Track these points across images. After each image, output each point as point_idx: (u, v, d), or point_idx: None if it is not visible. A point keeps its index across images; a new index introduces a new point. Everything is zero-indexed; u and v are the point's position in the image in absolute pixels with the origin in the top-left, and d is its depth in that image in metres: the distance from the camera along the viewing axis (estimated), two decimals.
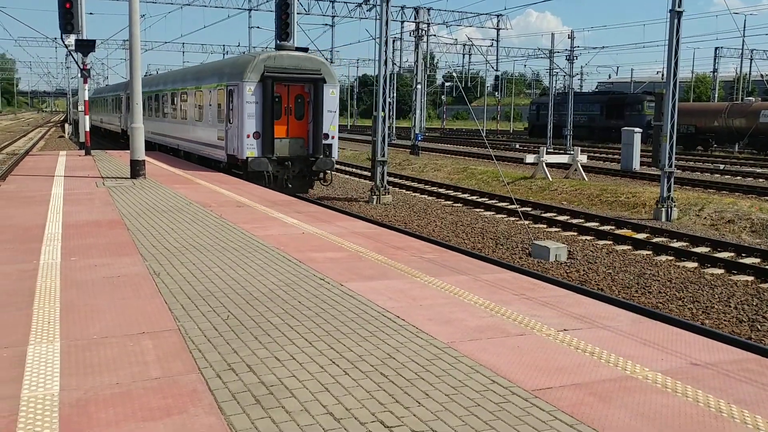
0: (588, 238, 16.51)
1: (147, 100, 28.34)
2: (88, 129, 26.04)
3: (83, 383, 4.47)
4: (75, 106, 52.14)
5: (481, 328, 5.77)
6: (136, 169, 16.75)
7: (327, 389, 4.46)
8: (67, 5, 19.20)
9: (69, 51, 26.09)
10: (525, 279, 7.80)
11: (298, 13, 30.15)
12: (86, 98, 25.85)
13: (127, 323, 5.71)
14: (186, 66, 54.04)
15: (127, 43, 19.77)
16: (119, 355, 4.99)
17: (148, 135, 20.42)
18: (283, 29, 22.66)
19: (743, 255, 14.36)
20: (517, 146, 47.62)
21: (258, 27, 69.18)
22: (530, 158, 27.60)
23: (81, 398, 4.24)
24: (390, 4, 22.25)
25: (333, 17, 46.18)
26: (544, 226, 18.12)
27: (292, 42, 22.97)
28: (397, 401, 4.30)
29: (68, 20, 19.23)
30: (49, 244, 8.88)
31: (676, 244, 15.37)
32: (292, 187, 19.27)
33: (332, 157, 19.93)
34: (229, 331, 5.55)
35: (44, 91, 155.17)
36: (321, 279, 7.34)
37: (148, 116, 25.07)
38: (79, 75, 27.11)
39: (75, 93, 54.86)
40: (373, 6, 40.92)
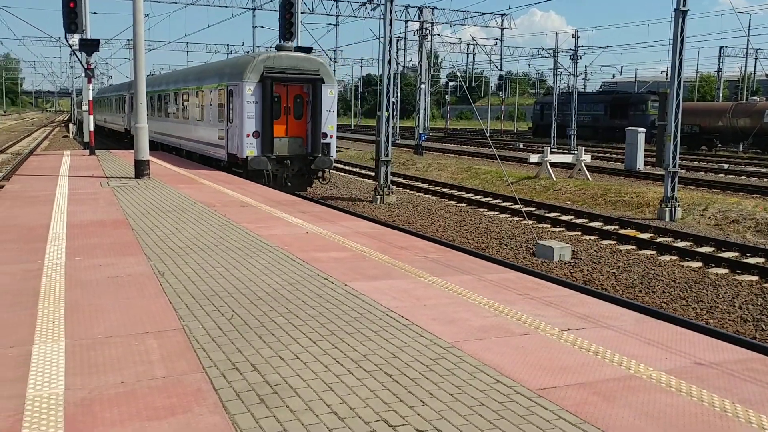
0: (592, 237, 16.50)
1: (149, 100, 28.42)
2: (92, 129, 26.10)
3: (88, 382, 4.48)
4: (79, 105, 52.26)
5: (485, 328, 5.77)
6: (141, 168, 16.76)
7: (331, 388, 4.46)
8: (72, 5, 19.25)
9: (73, 50, 26.09)
10: (529, 279, 7.79)
11: (302, 13, 30.24)
12: (90, 98, 25.86)
13: (132, 323, 5.72)
14: (188, 66, 54.22)
15: (131, 42, 19.78)
16: (124, 354, 5.00)
17: (151, 134, 20.47)
18: (287, 29, 22.73)
19: (748, 255, 14.34)
20: (521, 146, 47.55)
21: (262, 26, 69.59)
22: (534, 158, 27.58)
23: (86, 397, 4.25)
24: (394, 4, 22.23)
25: (337, 17, 46.28)
26: (548, 225, 18.11)
27: (296, 41, 23.08)
28: (402, 400, 4.31)
29: (72, 19, 19.29)
30: (54, 244, 8.90)
31: (680, 244, 15.35)
32: (291, 185, 19.44)
33: (331, 155, 20.15)
34: (234, 331, 5.56)
35: (48, 91, 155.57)
36: (325, 279, 7.35)
37: (150, 116, 25.08)
38: (83, 74, 27.16)
39: (79, 93, 55.02)
40: (377, 5, 41.00)
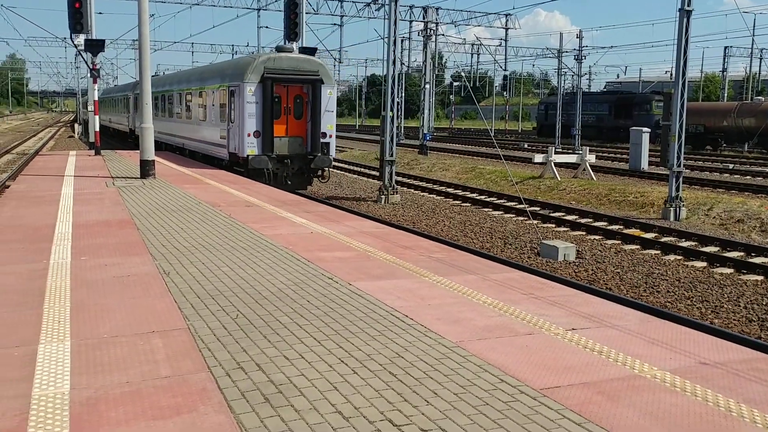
0: (596, 237, 16.48)
1: (153, 101, 28.55)
2: (97, 129, 26.17)
3: (93, 382, 4.49)
4: (84, 106, 52.38)
5: (489, 328, 5.77)
6: (146, 169, 16.80)
7: (336, 388, 4.47)
8: (77, 5, 19.28)
9: (78, 51, 26.21)
10: (533, 278, 7.79)
11: (306, 13, 30.25)
12: (96, 98, 25.93)
13: (137, 322, 5.74)
14: (192, 67, 54.31)
15: (137, 42, 19.83)
16: (129, 353, 5.01)
17: (155, 135, 20.63)
18: (292, 29, 22.79)
19: (753, 254, 14.29)
20: (526, 146, 47.52)
21: (267, 27, 69.48)
22: (539, 158, 27.54)
23: (91, 397, 4.26)
24: (398, 4, 22.24)
25: (342, 17, 46.25)
26: (553, 225, 18.09)
27: (300, 41, 23.20)
28: (406, 400, 4.31)
29: (78, 20, 19.32)
30: (60, 244, 8.93)
31: (685, 244, 15.32)
32: (292, 183, 19.76)
33: (330, 154, 20.52)
34: (238, 330, 5.57)
35: (54, 91, 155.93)
36: (329, 278, 7.36)
37: (154, 116, 25.18)
38: (89, 75, 27.21)
39: (84, 93, 55.11)
40: (382, 5, 40.95)
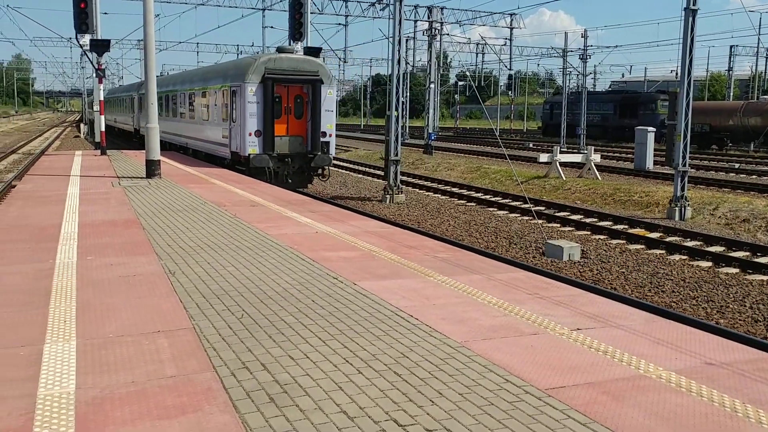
0: (601, 237, 16.46)
1: (157, 100, 28.82)
2: (103, 129, 26.23)
3: (99, 381, 4.50)
4: (90, 105, 52.53)
5: (494, 328, 5.77)
6: (152, 168, 16.82)
7: (340, 388, 4.47)
8: (82, 5, 19.36)
9: (84, 51, 26.25)
10: (538, 278, 7.78)
11: (311, 13, 30.25)
12: (101, 98, 25.99)
13: (143, 322, 5.75)
14: (196, 67, 54.43)
15: (142, 42, 19.86)
16: (135, 353, 5.02)
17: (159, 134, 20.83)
18: (297, 29, 22.86)
19: (758, 254, 14.26)
20: (531, 145, 47.47)
21: (272, 27, 69.72)
22: (544, 157, 27.51)
23: (97, 396, 4.27)
24: (403, 4, 22.24)
25: (346, 17, 46.26)
26: (558, 225, 18.08)
27: (305, 41, 23.27)
28: (411, 400, 4.31)
29: (83, 20, 19.41)
30: (65, 244, 8.95)
31: (690, 244, 15.29)
32: (292, 182, 20.03)
33: (330, 153, 20.81)
34: (244, 330, 5.58)
35: (59, 91, 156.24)
36: (334, 278, 7.36)
37: (158, 116, 25.36)
38: (94, 75, 27.28)
39: (90, 93, 55.29)
40: (386, 5, 40.96)
